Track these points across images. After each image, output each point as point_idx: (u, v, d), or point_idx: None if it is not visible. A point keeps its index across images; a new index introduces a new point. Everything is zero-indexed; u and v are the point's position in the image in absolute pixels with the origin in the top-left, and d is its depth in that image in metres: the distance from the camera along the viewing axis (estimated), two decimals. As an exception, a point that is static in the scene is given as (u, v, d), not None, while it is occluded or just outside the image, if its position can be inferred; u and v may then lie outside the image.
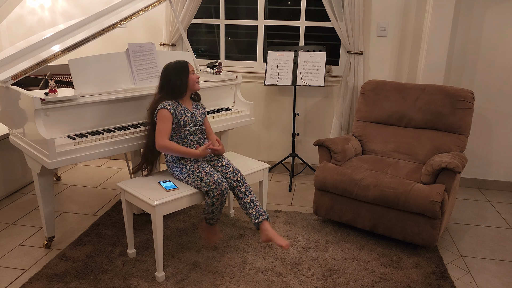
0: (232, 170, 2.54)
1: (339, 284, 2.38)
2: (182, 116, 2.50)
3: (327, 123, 3.94)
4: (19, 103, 2.51)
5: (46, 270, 2.45)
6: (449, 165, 2.57)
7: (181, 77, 2.50)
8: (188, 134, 2.53)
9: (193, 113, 2.57)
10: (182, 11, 3.74)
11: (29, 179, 3.67)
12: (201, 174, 2.41)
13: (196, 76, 2.58)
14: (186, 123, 2.51)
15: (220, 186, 2.38)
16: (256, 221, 2.46)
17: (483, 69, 3.57)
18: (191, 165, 2.48)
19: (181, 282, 2.37)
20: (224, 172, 2.53)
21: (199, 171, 2.43)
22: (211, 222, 2.52)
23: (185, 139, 2.52)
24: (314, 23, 3.85)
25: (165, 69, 2.55)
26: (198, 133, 2.57)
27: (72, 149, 2.37)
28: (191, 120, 2.54)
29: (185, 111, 2.52)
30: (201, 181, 2.40)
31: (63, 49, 2.65)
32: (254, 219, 2.47)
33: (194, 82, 2.56)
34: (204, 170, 2.43)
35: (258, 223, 2.46)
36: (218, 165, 2.58)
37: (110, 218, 3.09)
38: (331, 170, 2.90)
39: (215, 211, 2.45)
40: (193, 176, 2.43)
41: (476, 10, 3.45)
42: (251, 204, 2.49)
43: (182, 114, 2.50)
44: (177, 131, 2.51)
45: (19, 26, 4.19)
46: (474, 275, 2.53)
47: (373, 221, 2.78)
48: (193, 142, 2.55)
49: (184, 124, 2.50)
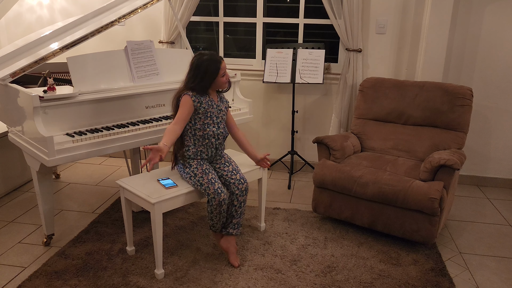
0: (239, 178, 2.50)
1: (338, 281, 2.39)
2: (209, 107, 2.45)
3: (326, 120, 3.94)
4: (18, 101, 2.50)
5: (46, 268, 2.46)
6: (447, 162, 2.58)
7: (210, 76, 2.42)
8: (211, 136, 2.48)
9: (219, 105, 2.53)
10: (180, 9, 3.73)
11: (28, 177, 3.67)
12: (203, 179, 2.38)
13: (226, 77, 2.49)
14: (212, 115, 2.45)
15: (219, 197, 2.35)
16: (231, 231, 2.52)
17: (482, 66, 3.57)
18: (195, 167, 2.44)
19: (181, 279, 2.37)
20: (229, 177, 2.49)
21: (201, 176, 2.40)
22: (213, 229, 2.53)
23: (207, 139, 2.47)
24: (313, 21, 3.84)
25: (197, 61, 2.42)
26: (221, 138, 2.53)
27: (71, 147, 2.37)
28: (218, 113, 2.49)
29: (212, 103, 2.48)
30: (201, 187, 2.38)
31: (61, 46, 2.64)
32: (231, 227, 2.52)
33: (223, 84, 2.49)
34: (206, 176, 2.39)
35: (231, 233, 2.52)
36: (224, 169, 2.53)
37: (109, 215, 3.09)
38: (330, 167, 2.90)
39: (214, 219, 2.46)
40: (194, 180, 2.41)
41: (475, 7, 3.45)
42: (238, 215, 2.53)
43: (210, 105, 2.45)
44: (201, 126, 2.44)
45: (18, 24, 4.18)
46: (473, 272, 2.54)
47: (372, 218, 2.78)
48: (212, 145, 2.50)
49: (211, 116, 2.45)
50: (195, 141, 2.48)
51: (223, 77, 2.47)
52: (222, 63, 2.45)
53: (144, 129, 2.69)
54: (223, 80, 2.48)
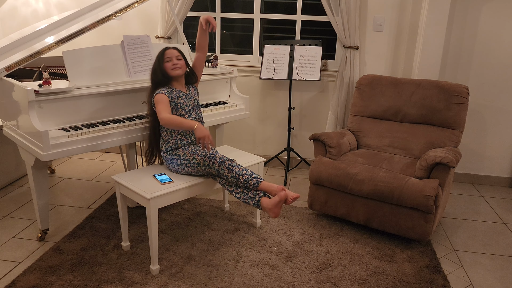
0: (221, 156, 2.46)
1: (333, 278, 2.39)
2: (179, 99, 2.56)
3: (323, 117, 3.94)
4: (13, 95, 2.48)
5: (40, 263, 2.45)
6: (443, 160, 2.59)
7: (158, 65, 2.57)
8: (184, 114, 2.58)
9: (188, 94, 2.64)
10: (177, 4, 3.71)
11: (23, 172, 3.65)
12: (196, 159, 2.42)
13: (172, 63, 2.56)
14: (183, 105, 2.57)
15: (215, 159, 2.37)
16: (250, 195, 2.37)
17: (478, 65, 3.58)
18: (184, 153, 2.49)
19: (176, 275, 2.37)
20: None
21: (193, 158, 2.44)
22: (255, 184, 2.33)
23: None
24: (310, 17, 3.84)
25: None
26: (193, 114, 2.63)
27: (66, 142, 2.36)
28: (189, 101, 2.61)
29: (180, 94, 2.58)
30: (199, 166, 2.41)
31: (57, 40, 2.62)
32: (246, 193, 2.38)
33: (170, 69, 2.57)
34: (197, 154, 2.44)
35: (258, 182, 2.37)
36: None
37: (104, 211, 3.08)
38: (326, 164, 2.90)
39: (241, 173, 2.33)
40: (190, 164, 2.44)
41: (472, 6, 3.45)
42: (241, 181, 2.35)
43: (178, 96, 2.56)
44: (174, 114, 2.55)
45: (13, 17, 4.14)
46: (467, 269, 2.55)
47: (367, 215, 2.79)
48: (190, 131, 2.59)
49: (182, 106, 2.56)
50: (171, 132, 2.56)
51: (168, 62, 2.56)
52: (166, 50, 2.59)
53: (140, 124, 2.68)
54: (168, 65, 2.56)
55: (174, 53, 2.58)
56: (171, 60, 2.57)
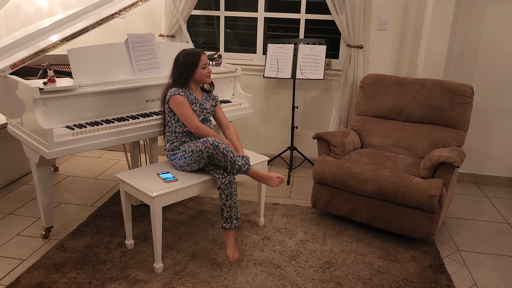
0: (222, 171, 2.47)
1: (336, 277, 2.39)
2: (192, 105, 2.50)
3: (326, 116, 3.94)
4: (17, 92, 2.49)
5: (44, 260, 2.45)
6: (447, 160, 2.58)
7: (190, 67, 2.47)
8: (191, 134, 2.52)
9: (203, 104, 2.56)
10: (181, 2, 3.71)
11: (27, 169, 3.66)
12: (198, 147, 2.37)
13: (207, 70, 2.52)
14: (195, 113, 2.51)
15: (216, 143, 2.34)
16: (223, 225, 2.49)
17: (483, 64, 3.56)
18: (188, 145, 2.44)
19: (179, 274, 2.37)
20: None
21: (195, 146, 2.39)
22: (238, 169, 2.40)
23: (187, 136, 2.52)
24: (315, 16, 3.83)
25: (177, 56, 2.52)
26: None
27: (71, 140, 2.36)
28: (200, 111, 2.54)
29: (196, 101, 2.52)
30: (201, 152, 2.36)
31: (61, 38, 2.62)
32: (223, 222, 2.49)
33: (204, 76, 2.51)
34: (197, 141, 2.41)
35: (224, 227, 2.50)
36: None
37: (108, 209, 3.08)
38: (330, 163, 2.90)
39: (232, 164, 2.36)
40: (195, 153, 2.39)
41: (476, 5, 3.44)
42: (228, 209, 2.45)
43: (193, 103, 2.50)
44: (182, 123, 2.50)
45: (17, 15, 4.15)
46: (471, 269, 2.55)
47: (371, 215, 2.78)
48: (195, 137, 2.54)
49: None
50: (176, 135, 2.53)
51: (204, 69, 2.50)
52: (202, 55, 2.50)
53: (144, 122, 2.68)
54: (203, 72, 2.50)
55: (207, 60, 2.53)
56: (206, 68, 2.52)
